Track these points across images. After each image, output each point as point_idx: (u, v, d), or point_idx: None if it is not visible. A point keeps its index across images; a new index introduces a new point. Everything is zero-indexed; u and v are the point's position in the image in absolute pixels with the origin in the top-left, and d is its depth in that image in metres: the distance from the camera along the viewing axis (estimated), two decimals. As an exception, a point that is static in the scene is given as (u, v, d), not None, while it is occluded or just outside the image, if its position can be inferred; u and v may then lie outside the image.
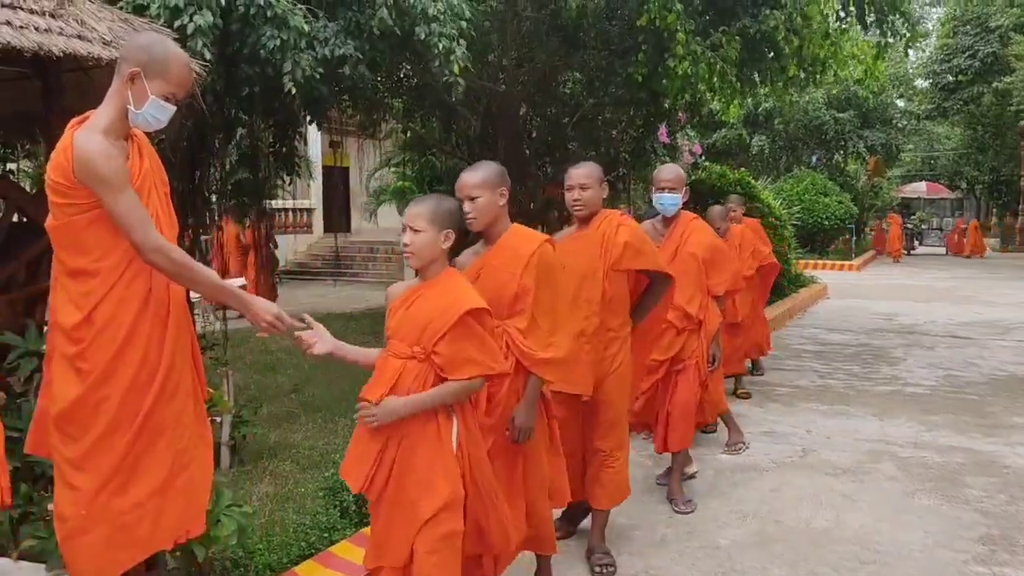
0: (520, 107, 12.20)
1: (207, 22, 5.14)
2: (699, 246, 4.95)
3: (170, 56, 2.86)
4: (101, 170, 2.70)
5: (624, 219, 4.05)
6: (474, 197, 3.24)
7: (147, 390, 2.82)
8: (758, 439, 6.48)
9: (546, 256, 3.30)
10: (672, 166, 5.04)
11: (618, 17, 10.06)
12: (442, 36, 6.22)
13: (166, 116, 2.90)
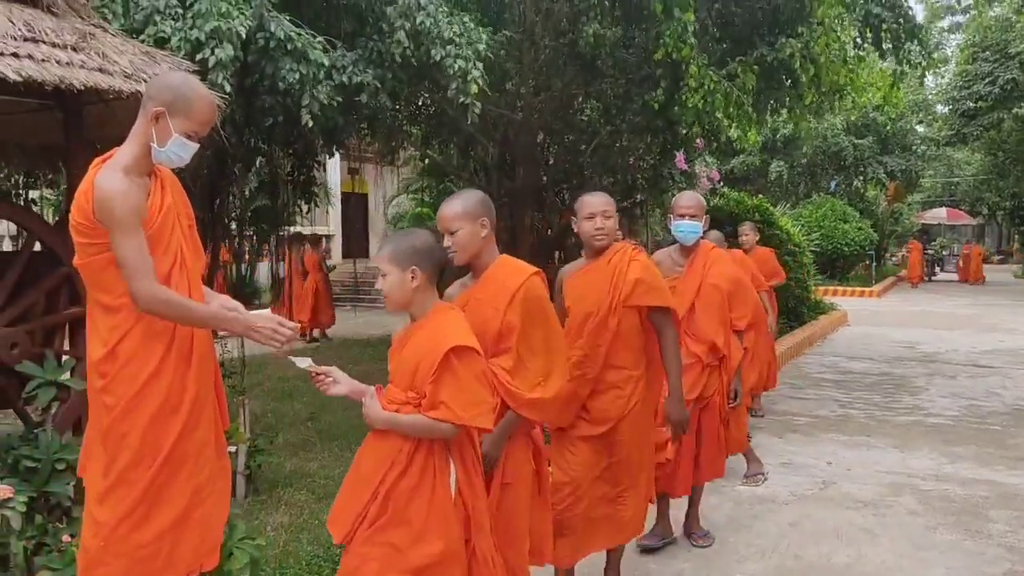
0: (537, 134, 12.26)
1: (228, 56, 5.21)
2: (722, 278, 4.77)
3: (195, 95, 2.89)
4: (116, 210, 2.72)
5: (637, 253, 3.87)
6: (454, 230, 3.05)
7: (170, 424, 2.83)
8: (777, 470, 6.41)
9: (534, 290, 3.08)
10: (692, 193, 4.86)
11: (635, 46, 10.11)
12: (458, 58, 6.27)
13: (188, 154, 2.92)
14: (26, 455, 4.23)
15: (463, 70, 6.32)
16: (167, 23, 5.34)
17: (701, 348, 4.69)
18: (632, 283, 3.75)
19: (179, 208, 3.00)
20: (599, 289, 3.79)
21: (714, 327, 4.70)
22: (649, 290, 3.80)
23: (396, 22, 6.19)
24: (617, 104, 11.20)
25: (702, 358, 4.70)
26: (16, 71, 3.90)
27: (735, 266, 5.03)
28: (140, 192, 2.82)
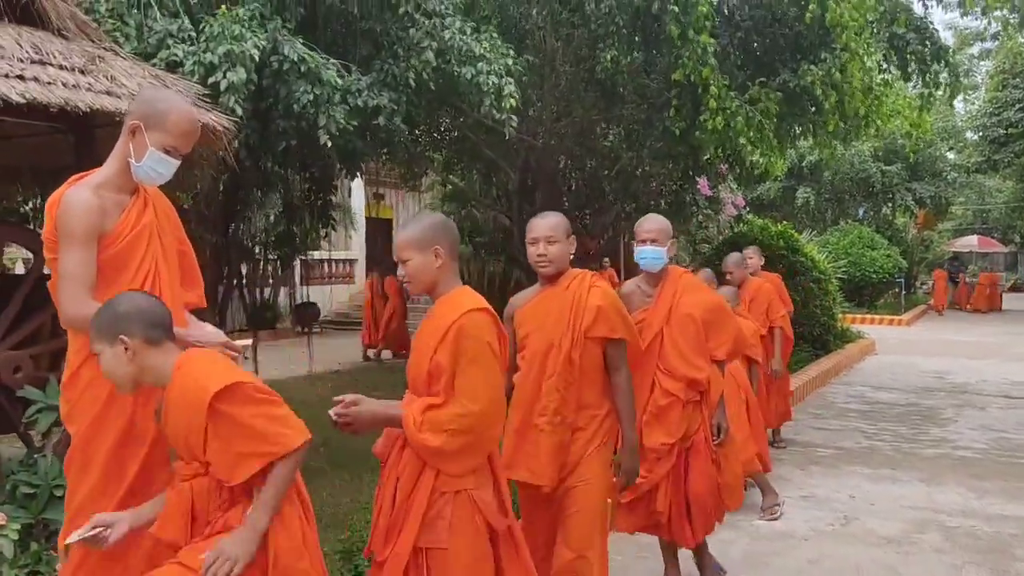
0: (559, 160, 12.22)
1: (240, 79, 5.19)
2: (696, 306, 4.27)
3: (171, 108, 2.84)
4: (70, 222, 2.68)
5: (597, 279, 3.52)
6: (404, 260, 2.79)
7: (133, 457, 2.74)
8: (797, 504, 6.22)
9: (471, 329, 2.67)
10: (655, 216, 4.42)
11: (656, 71, 10.06)
12: (491, 74, 6.24)
13: (168, 170, 2.87)
14: (24, 480, 4.18)
15: (497, 86, 6.28)
16: (180, 47, 5.35)
17: (678, 385, 4.21)
18: (594, 311, 3.40)
19: (162, 229, 2.93)
20: (559, 318, 3.43)
21: (689, 361, 4.21)
22: (608, 320, 3.43)
23: (423, 42, 6.18)
24: (638, 130, 11.14)
25: (680, 396, 4.20)
26: (20, 93, 3.90)
27: (710, 292, 4.61)
28: (112, 209, 2.78)
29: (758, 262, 7.73)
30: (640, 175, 12.42)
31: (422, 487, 2.67)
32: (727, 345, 4.41)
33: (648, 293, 4.34)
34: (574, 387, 3.41)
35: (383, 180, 20.71)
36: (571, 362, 3.40)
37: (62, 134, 5.24)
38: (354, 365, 14.00)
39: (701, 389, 4.29)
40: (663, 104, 9.84)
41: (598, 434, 3.46)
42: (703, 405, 4.35)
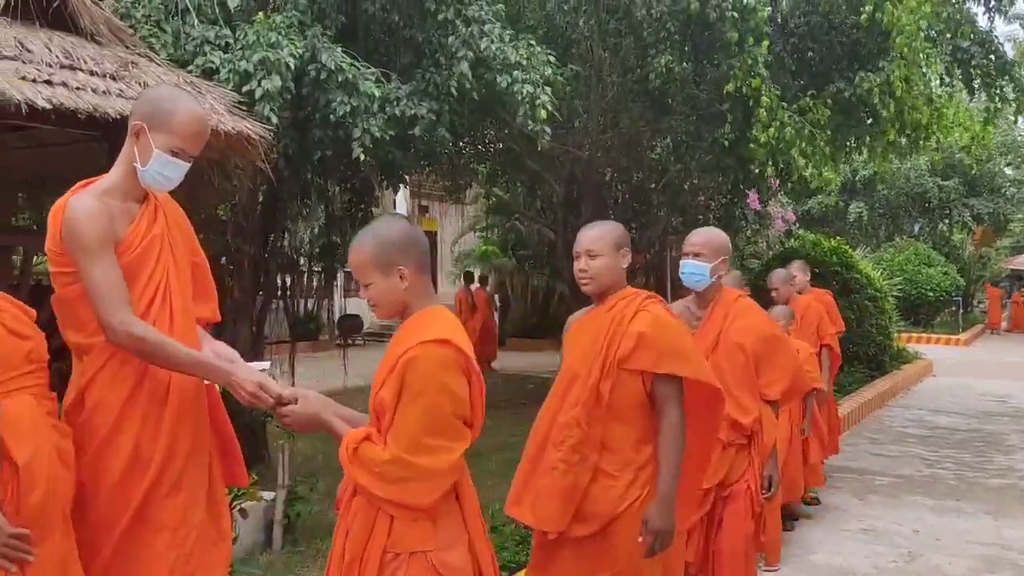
0: (605, 172, 11.97)
1: (275, 87, 5.04)
2: (748, 333, 3.72)
3: (177, 108, 2.62)
4: (81, 232, 2.48)
5: (652, 302, 3.04)
6: (366, 284, 2.38)
7: (138, 484, 2.53)
8: (857, 537, 5.86)
9: (420, 362, 2.18)
10: (706, 229, 4.00)
11: (706, 82, 9.77)
12: (525, 83, 6.01)
13: (176, 173, 2.65)
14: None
15: (530, 95, 6.04)
16: (216, 54, 5.22)
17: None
18: (633, 338, 2.91)
19: (174, 239, 2.72)
20: (592, 343, 2.99)
21: (735, 398, 3.64)
22: (654, 350, 2.91)
23: (459, 52, 5.98)
24: (687, 141, 10.85)
25: (721, 437, 3.63)
26: (47, 98, 3.78)
27: (767, 320, 3.99)
28: (119, 217, 2.57)
29: (804, 279, 7.21)
30: (688, 188, 12.12)
31: (373, 545, 2.21)
32: (781, 383, 3.86)
33: (697, 315, 3.83)
34: (599, 425, 2.94)
35: (427, 192, 20.63)
36: (598, 395, 2.94)
37: (97, 142, 5.14)
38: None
39: (746, 433, 3.73)
40: (712, 115, 9.55)
41: (635, 486, 2.95)
42: (751, 450, 3.77)
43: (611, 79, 10.41)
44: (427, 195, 21.29)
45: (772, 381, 3.83)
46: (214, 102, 4.69)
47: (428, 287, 2.41)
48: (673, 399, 2.94)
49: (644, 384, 2.95)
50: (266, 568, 4.94)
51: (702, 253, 3.71)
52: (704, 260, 3.70)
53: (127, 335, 2.45)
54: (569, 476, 2.92)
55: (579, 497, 2.93)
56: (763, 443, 3.80)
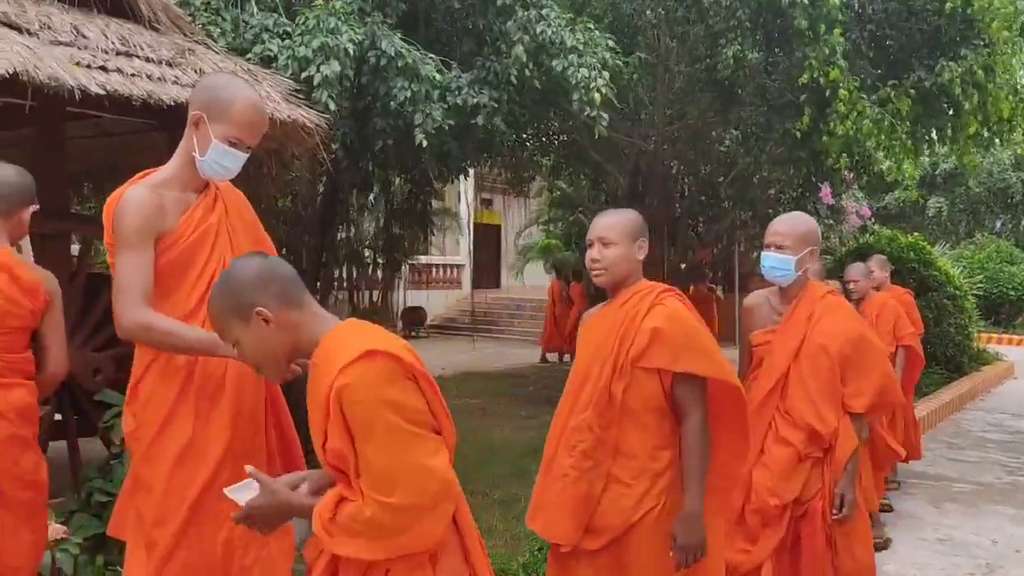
0: (671, 165, 11.73)
1: (333, 73, 4.98)
2: (834, 336, 3.29)
3: (235, 97, 2.56)
4: (123, 222, 2.45)
5: (669, 295, 2.79)
6: (234, 343, 2.02)
7: (194, 479, 2.48)
8: (932, 547, 5.56)
9: (353, 392, 1.80)
10: (792, 216, 3.54)
11: (777, 71, 9.46)
12: (581, 67, 5.84)
13: (234, 163, 2.60)
14: (100, 488, 4.03)
15: (586, 79, 5.87)
16: (275, 41, 5.18)
17: (798, 434, 3.27)
18: (647, 335, 2.67)
19: (233, 228, 2.66)
20: (604, 341, 2.76)
21: (815, 405, 3.27)
22: (671, 348, 2.67)
23: (515, 35, 5.84)
24: (757, 133, 10.54)
25: (799, 447, 3.25)
26: (101, 84, 3.76)
27: (857, 322, 3.51)
28: (172, 207, 2.52)
29: (883, 275, 6.77)
30: (758, 181, 11.79)
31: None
32: (868, 396, 3.33)
33: (778, 310, 3.44)
34: (614, 428, 2.70)
35: (491, 185, 20.58)
36: (610, 397, 2.70)
37: (156, 131, 5.15)
38: (456, 370, 13.79)
39: (824, 446, 3.29)
40: (784, 105, 9.24)
41: (651, 495, 2.69)
42: (826, 466, 3.32)
43: (678, 69, 10.16)
44: (491, 188, 21.25)
45: (858, 392, 3.34)
46: (270, 89, 4.64)
47: (312, 314, 1.98)
48: (695, 401, 2.70)
49: (663, 385, 2.71)
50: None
51: (785, 244, 3.29)
52: (788, 252, 3.29)
53: (135, 325, 2.43)
54: (581, 484, 2.70)
55: (593, 507, 2.71)
56: (838, 457, 3.31)
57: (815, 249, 3.35)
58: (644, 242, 2.82)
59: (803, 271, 3.34)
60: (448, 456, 1.90)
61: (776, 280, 3.38)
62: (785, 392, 3.31)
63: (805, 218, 3.48)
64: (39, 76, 3.51)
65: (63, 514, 3.75)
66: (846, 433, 3.31)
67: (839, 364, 3.27)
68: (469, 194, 19.48)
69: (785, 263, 3.29)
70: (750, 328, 3.49)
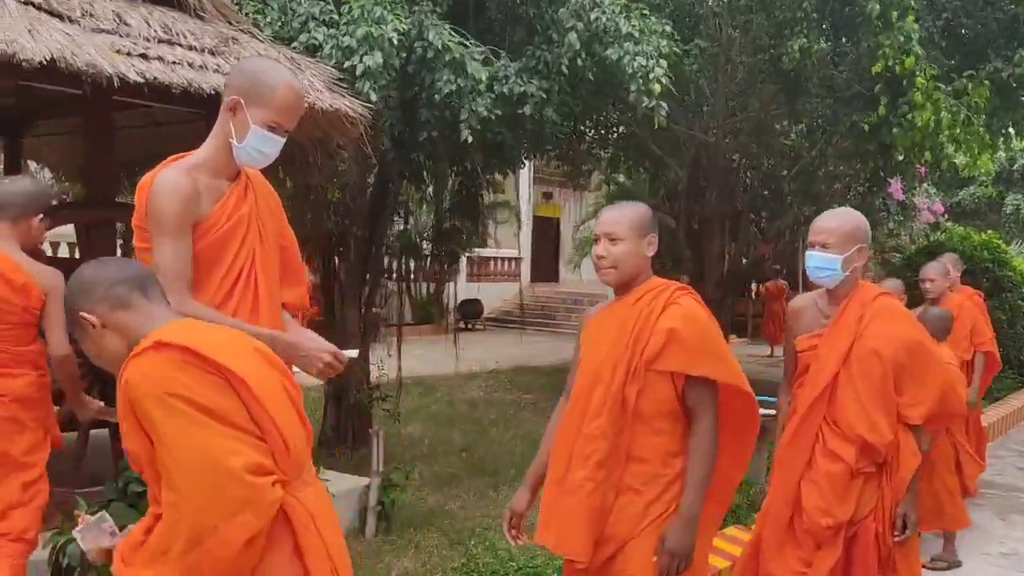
0: (732, 158, 11.44)
1: (377, 63, 4.90)
2: (887, 340, 3.01)
3: (275, 80, 2.50)
4: (160, 208, 2.38)
5: (684, 294, 2.64)
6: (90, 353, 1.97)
7: None
8: (997, 562, 5.28)
9: (135, 385, 1.70)
10: (837, 212, 3.32)
11: (845, 62, 9.11)
12: (637, 55, 5.65)
13: (273, 149, 2.53)
14: (136, 477, 4.02)
15: (643, 68, 5.68)
16: (320, 30, 5.12)
17: (848, 448, 3.01)
18: (663, 336, 2.53)
19: (262, 220, 2.60)
20: (615, 343, 2.60)
21: (867, 414, 3.00)
22: (688, 350, 2.53)
23: (568, 23, 5.68)
24: (823, 126, 10.20)
25: (850, 462, 3.01)
26: (140, 72, 3.74)
27: (913, 324, 3.20)
28: (206, 193, 2.46)
29: (956, 275, 6.36)
30: (823, 176, 11.42)
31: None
32: (926, 404, 3.04)
33: (826, 313, 3.20)
34: (626, 434, 2.57)
35: (551, 178, 20.43)
36: (623, 401, 2.56)
37: (204, 120, 5.14)
38: (510, 364, 13.69)
39: (878, 459, 3.03)
40: (852, 97, 8.90)
41: (660, 503, 2.56)
42: (883, 481, 3.05)
43: (740, 59, 9.88)
44: (551, 181, 21.10)
45: (916, 401, 3.04)
46: (313, 78, 4.58)
47: (145, 313, 1.86)
48: (707, 405, 2.57)
49: (676, 388, 2.57)
50: (356, 556, 4.84)
51: (830, 243, 3.05)
52: (834, 251, 3.05)
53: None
54: (596, 496, 2.55)
55: (606, 518, 2.58)
56: (899, 475, 3.04)
57: (864, 247, 3.10)
58: (654, 238, 2.69)
59: (851, 270, 3.10)
60: (268, 465, 1.73)
61: (821, 281, 3.15)
62: (833, 400, 3.06)
63: (852, 213, 3.24)
64: (77, 63, 3.50)
65: (95, 504, 3.75)
66: (908, 447, 3.05)
67: (893, 371, 3.01)
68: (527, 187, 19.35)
69: (831, 263, 3.06)
70: (796, 332, 3.28)
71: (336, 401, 7.22)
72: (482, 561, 4.54)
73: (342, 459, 6.91)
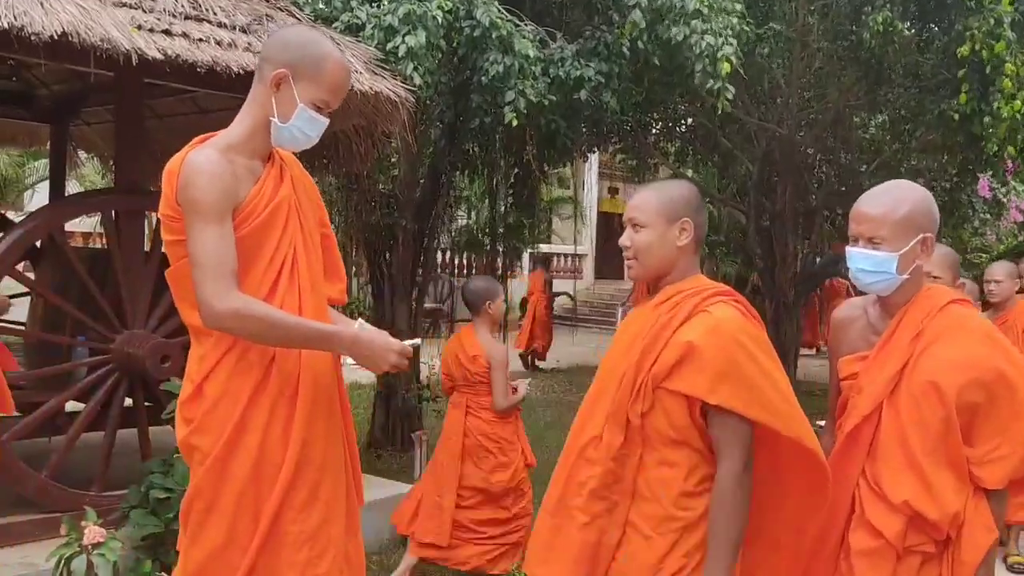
0: (807, 152, 10.86)
1: (419, 43, 4.58)
2: (954, 369, 2.16)
3: (325, 54, 2.22)
4: (200, 190, 2.08)
5: (716, 300, 2.12)
6: None
7: (268, 493, 2.16)
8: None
9: None
10: (885, 190, 2.31)
11: (932, 49, 8.50)
12: (706, 33, 5.23)
13: (317, 131, 2.26)
14: (159, 484, 3.78)
15: (711, 47, 5.25)
16: (363, 8, 4.83)
17: (893, 519, 2.18)
18: (679, 349, 2.05)
19: (301, 206, 2.30)
20: (629, 350, 2.14)
21: (921, 475, 2.17)
22: (703, 370, 2.02)
23: (631, 0, 5.29)
24: (907, 116, 9.57)
25: (891, 539, 2.17)
26: (160, 49, 3.48)
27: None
28: (243, 176, 2.17)
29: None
30: (905, 170, 10.76)
31: None
32: (1010, 462, 2.16)
33: (877, 328, 2.34)
34: (632, 462, 2.09)
35: (617, 173, 20.01)
36: (628, 423, 2.09)
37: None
38: (571, 363, 13.31)
39: (938, 536, 2.18)
40: (939, 85, 8.29)
41: (676, 554, 2.05)
42: (942, 565, 2.19)
43: (818, 46, 9.32)
44: (617, 176, 20.67)
45: (992, 455, 2.17)
46: (353, 59, 4.29)
47: None
48: (732, 443, 2.04)
49: (692, 415, 2.05)
50: (388, 569, 4.57)
51: (880, 234, 2.21)
52: (886, 246, 2.21)
53: (232, 313, 2.07)
54: (591, 531, 2.11)
55: (606, 561, 2.12)
56: (969, 556, 2.16)
57: (929, 236, 2.24)
58: (688, 223, 2.19)
59: (912, 271, 2.24)
60: None
61: (872, 288, 2.31)
62: (875, 449, 2.24)
63: (907, 190, 2.31)
64: (91, 38, 3.26)
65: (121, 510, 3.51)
66: (979, 520, 2.16)
67: (962, 413, 2.16)
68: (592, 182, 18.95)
69: (882, 263, 2.22)
70: (839, 352, 2.44)
71: (385, 401, 6.96)
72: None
73: (390, 462, 6.66)
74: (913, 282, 2.27)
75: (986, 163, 10.00)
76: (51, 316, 4.94)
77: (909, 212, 2.22)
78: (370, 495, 5.02)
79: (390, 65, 4.58)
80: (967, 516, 2.15)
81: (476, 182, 12.03)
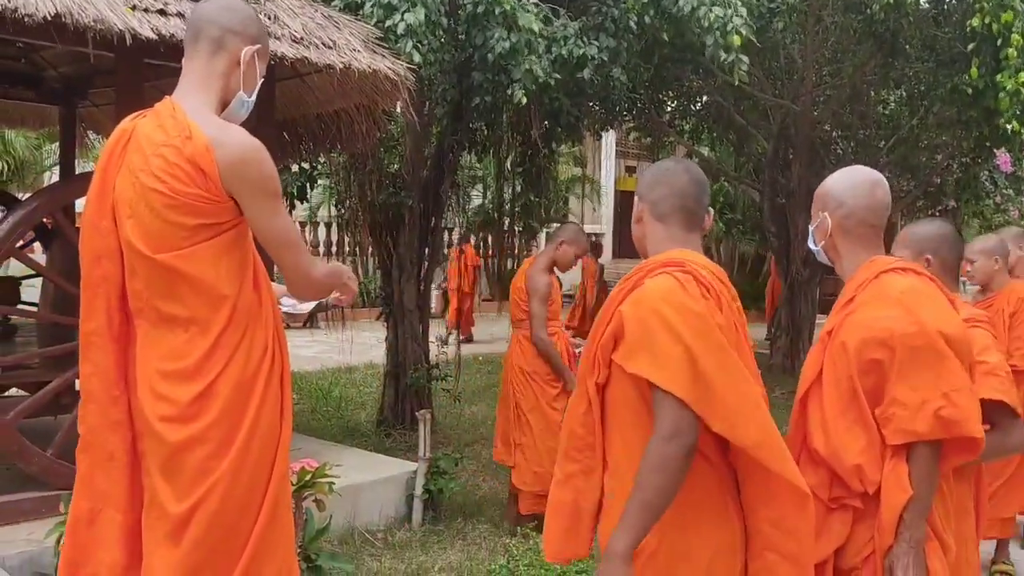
0: (823, 128, 10.73)
1: (418, 20, 4.55)
2: (858, 327, 2.22)
3: (263, 25, 2.31)
4: (271, 170, 2.10)
5: (660, 272, 2.05)
6: None
7: (268, 470, 2.17)
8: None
9: None
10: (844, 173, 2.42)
11: (949, 22, 8.36)
12: (715, 5, 5.17)
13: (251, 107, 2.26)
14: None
15: (721, 19, 5.18)
16: (362, -15, 4.81)
17: (818, 473, 2.25)
18: (617, 320, 2.04)
19: None
20: (597, 325, 2.13)
21: (827, 432, 2.24)
22: (629, 342, 2.00)
23: None
24: (921, 91, 9.42)
25: (818, 492, 2.21)
26: (154, 28, 3.48)
27: (912, 309, 2.17)
28: None
29: (1021, 254, 4.63)
30: (924, 146, 10.61)
31: None
32: (902, 418, 2.14)
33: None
34: (597, 431, 2.09)
35: (635, 152, 19.89)
36: (587, 393, 2.11)
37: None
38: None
39: (857, 491, 2.21)
40: (954, 58, 8.15)
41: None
42: (871, 518, 2.20)
43: (832, 20, 9.18)
44: (635, 155, 20.56)
45: (888, 412, 2.17)
46: (351, 38, 4.28)
47: None
48: (660, 416, 1.94)
49: (641, 388, 1.99)
50: (400, 546, 4.59)
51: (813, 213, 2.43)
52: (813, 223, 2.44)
53: (321, 278, 2.31)
54: (565, 490, 2.14)
55: (588, 523, 2.13)
56: (889, 504, 2.15)
57: (828, 215, 2.36)
58: (643, 203, 2.21)
59: (825, 242, 2.39)
60: None
61: (821, 260, 2.49)
62: (807, 412, 2.32)
63: (836, 173, 2.43)
64: (84, 18, 3.27)
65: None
66: (894, 480, 2.16)
67: (868, 372, 2.18)
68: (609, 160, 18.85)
69: (810, 237, 2.46)
70: None
71: (395, 380, 6.98)
72: (523, 564, 4.23)
73: (399, 440, 6.70)
74: (848, 254, 2.35)
75: (1001, 138, 9.84)
76: (61, 298, 4.99)
77: (818, 191, 2.41)
78: (378, 472, 5.13)
79: (390, 43, 4.56)
80: (885, 476, 2.16)
81: (485, 161, 11.97)
